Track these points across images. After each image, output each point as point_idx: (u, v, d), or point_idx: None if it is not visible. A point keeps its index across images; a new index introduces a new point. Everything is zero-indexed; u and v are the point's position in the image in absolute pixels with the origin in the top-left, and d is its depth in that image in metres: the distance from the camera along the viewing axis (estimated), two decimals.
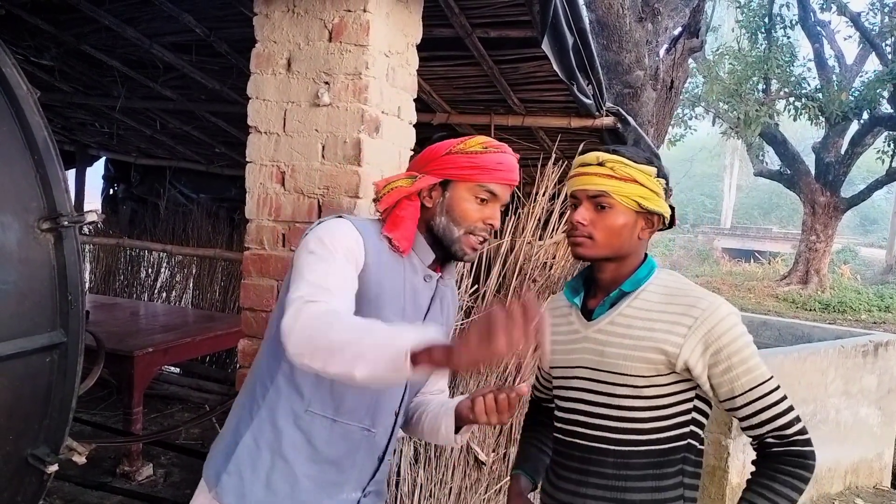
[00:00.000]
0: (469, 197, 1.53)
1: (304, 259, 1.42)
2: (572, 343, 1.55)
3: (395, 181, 1.57)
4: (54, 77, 4.57)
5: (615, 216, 1.48)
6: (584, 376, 1.53)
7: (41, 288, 1.99)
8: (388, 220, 1.55)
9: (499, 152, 1.54)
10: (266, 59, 2.30)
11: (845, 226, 35.38)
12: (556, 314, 1.64)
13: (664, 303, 1.48)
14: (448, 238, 1.55)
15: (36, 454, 2.05)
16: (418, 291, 1.58)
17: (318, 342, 1.23)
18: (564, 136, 3.66)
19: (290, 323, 1.28)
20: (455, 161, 1.53)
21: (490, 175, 1.52)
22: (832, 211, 16.88)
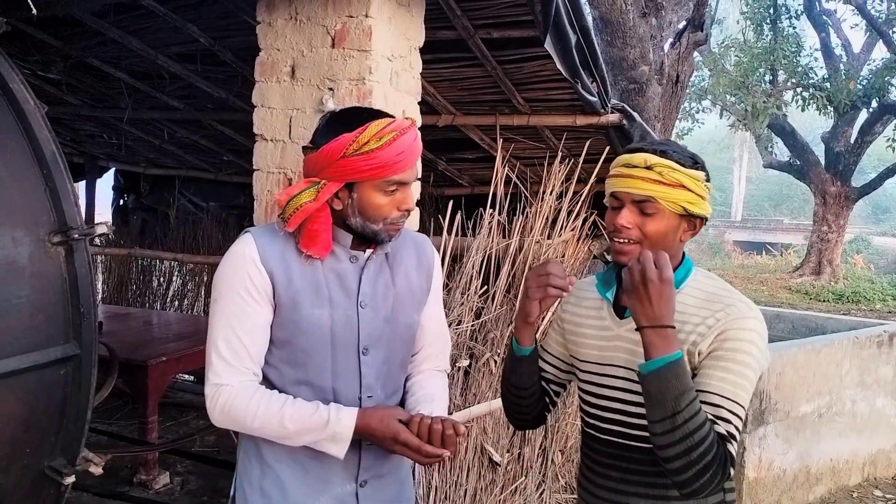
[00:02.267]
0: (377, 194, 1.47)
1: (213, 308, 1.51)
2: (605, 339, 1.53)
3: (299, 196, 1.45)
4: (62, 90, 4.61)
5: (661, 221, 1.43)
6: (619, 375, 1.51)
7: (53, 301, 2.01)
8: (304, 236, 1.48)
9: (396, 139, 1.42)
10: (270, 66, 2.31)
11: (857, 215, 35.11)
12: (586, 305, 1.60)
13: (698, 306, 1.45)
14: (368, 233, 1.51)
15: (53, 466, 2.07)
16: (344, 276, 1.54)
17: (241, 426, 1.49)
18: (570, 134, 3.66)
19: (209, 406, 1.49)
20: (353, 165, 1.42)
21: (393, 168, 1.44)
22: (843, 201, 16.77)
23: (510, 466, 3.28)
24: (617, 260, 1.48)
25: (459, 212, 3.13)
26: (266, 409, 1.44)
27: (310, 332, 1.50)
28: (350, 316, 1.54)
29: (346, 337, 1.54)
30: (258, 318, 1.49)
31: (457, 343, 2.81)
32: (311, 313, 1.50)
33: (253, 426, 1.46)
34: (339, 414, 1.44)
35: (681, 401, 1.29)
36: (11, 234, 1.91)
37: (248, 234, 1.52)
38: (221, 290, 1.49)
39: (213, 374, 1.48)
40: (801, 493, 4.19)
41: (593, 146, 3.67)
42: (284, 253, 1.50)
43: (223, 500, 3.77)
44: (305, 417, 1.44)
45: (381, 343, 1.58)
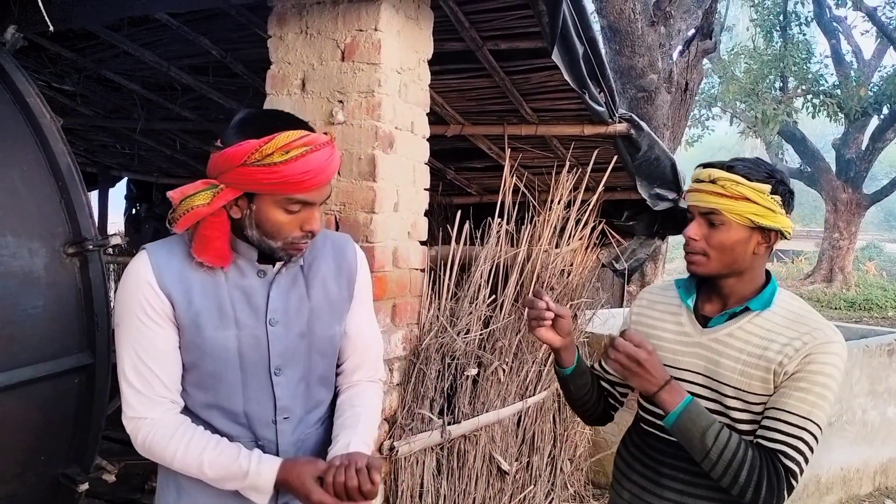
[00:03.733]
0: (277, 210, 1.34)
1: (116, 334, 1.41)
2: (683, 345, 1.58)
3: (193, 197, 1.33)
4: (76, 102, 4.67)
5: (727, 233, 1.48)
6: (694, 381, 1.55)
7: (68, 311, 2.04)
8: (196, 240, 1.37)
9: (305, 156, 1.29)
10: (281, 80, 2.35)
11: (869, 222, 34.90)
12: (663, 310, 1.66)
13: (785, 326, 1.49)
14: (267, 248, 1.39)
15: (67, 474, 2.10)
16: (251, 292, 1.43)
17: (163, 460, 1.42)
18: (578, 143, 3.68)
19: (132, 439, 1.44)
20: (252, 175, 1.30)
21: (298, 186, 1.31)
22: (855, 208, 16.71)
23: (519, 475, 3.29)
24: (689, 270, 1.56)
25: (468, 221, 3.15)
26: (185, 454, 1.37)
27: (215, 356, 1.40)
28: (258, 336, 1.43)
29: (255, 358, 1.44)
30: (163, 342, 1.39)
31: (465, 352, 2.83)
32: (215, 335, 1.40)
33: (172, 464, 1.39)
34: (260, 467, 1.36)
35: (707, 439, 1.42)
36: (28, 245, 1.95)
37: (143, 251, 1.41)
38: (122, 316, 1.39)
39: (127, 408, 1.40)
40: (812, 503, 4.17)
41: (601, 155, 3.69)
42: (183, 271, 1.39)
43: None
44: (225, 465, 1.37)
45: (297, 360, 1.48)
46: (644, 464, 1.64)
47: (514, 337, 3.14)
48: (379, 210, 2.30)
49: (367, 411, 1.56)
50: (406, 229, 2.52)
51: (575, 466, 4.01)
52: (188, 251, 1.40)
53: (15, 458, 1.95)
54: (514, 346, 3.14)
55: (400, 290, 2.48)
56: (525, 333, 3.21)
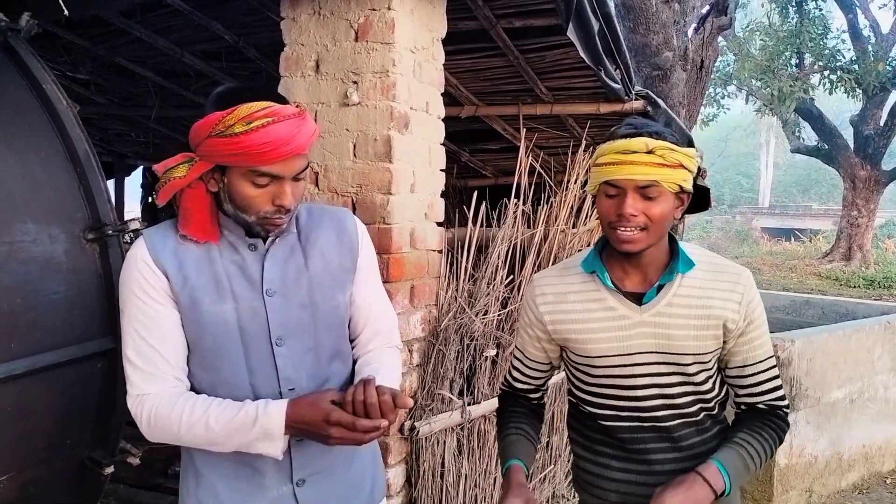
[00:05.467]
0: (246, 183, 1.33)
1: (120, 319, 1.42)
2: (624, 329, 1.50)
3: (173, 170, 1.37)
4: (90, 90, 4.68)
5: (664, 204, 1.40)
6: (650, 361, 1.50)
7: (89, 296, 2.05)
8: (180, 214, 1.40)
9: (266, 126, 1.28)
10: (295, 61, 2.34)
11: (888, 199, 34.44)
12: (580, 299, 1.54)
13: (711, 279, 1.49)
14: (243, 223, 1.40)
15: (92, 457, 2.12)
16: (245, 265, 1.43)
17: (170, 436, 1.37)
18: (594, 122, 3.65)
19: (136, 420, 1.40)
20: (217, 147, 1.30)
21: (259, 158, 1.29)
22: (873, 185, 16.49)
23: (539, 455, 3.29)
24: (625, 249, 1.43)
25: (484, 202, 3.14)
26: (191, 415, 1.34)
27: (215, 330, 1.40)
28: (256, 307, 1.42)
29: (254, 330, 1.43)
30: (164, 319, 1.39)
31: (483, 332, 2.82)
32: (213, 310, 1.40)
33: (180, 434, 1.35)
34: (267, 408, 1.33)
35: (750, 470, 1.48)
36: (48, 231, 1.96)
37: (139, 237, 1.44)
38: (123, 300, 1.41)
39: (131, 387, 1.40)
40: (834, 480, 4.15)
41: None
42: (177, 249, 1.41)
43: None
44: (231, 417, 1.33)
45: (301, 331, 1.46)
46: (625, 458, 1.57)
47: None
48: (395, 191, 2.29)
49: (386, 366, 1.53)
50: (423, 210, 2.51)
51: None
52: (171, 229, 1.44)
53: (41, 443, 1.97)
54: None
55: (418, 271, 2.48)
56: None
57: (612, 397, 1.55)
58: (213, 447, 1.37)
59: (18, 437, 1.90)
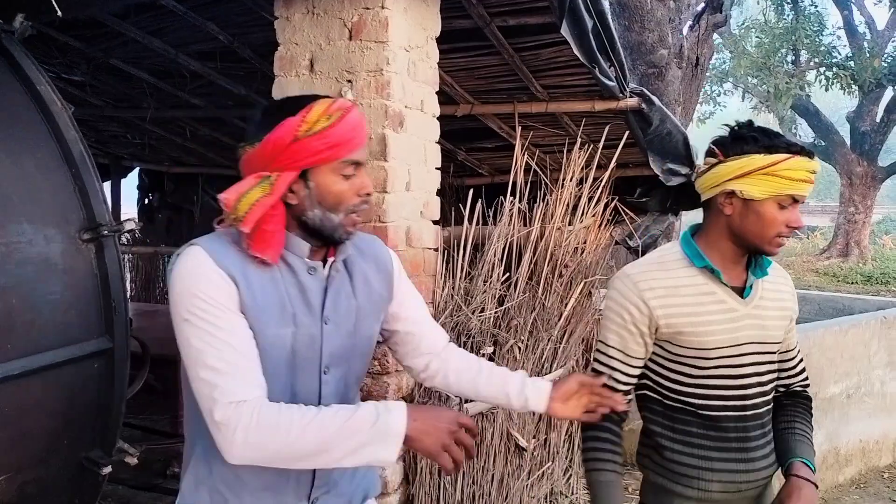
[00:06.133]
0: (335, 178, 1.34)
1: (187, 331, 1.28)
2: (734, 321, 1.59)
3: (249, 193, 1.32)
4: (85, 92, 4.68)
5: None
6: (750, 351, 1.61)
7: (86, 297, 2.06)
8: (255, 236, 1.33)
9: (345, 116, 1.32)
10: (289, 61, 2.34)
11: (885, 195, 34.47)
12: (692, 292, 1.59)
13: (777, 275, 1.70)
14: (328, 227, 1.37)
15: (90, 457, 2.13)
16: (307, 289, 1.40)
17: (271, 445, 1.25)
18: (589, 119, 3.66)
19: (226, 434, 1.24)
20: (307, 147, 1.31)
21: (349, 146, 1.33)
22: (870, 181, 16.53)
23: (537, 452, 3.30)
24: (776, 253, 1.58)
25: (480, 201, 3.14)
26: (302, 417, 1.26)
27: (272, 354, 1.35)
28: (314, 335, 1.40)
29: (308, 356, 1.40)
30: (243, 328, 1.31)
31: (480, 330, 2.83)
32: (277, 333, 1.35)
33: (290, 440, 1.25)
34: (388, 406, 1.30)
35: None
36: (43, 232, 1.97)
37: (194, 246, 1.34)
38: (190, 309, 1.29)
39: (221, 395, 1.25)
40: (831, 475, 4.16)
41: (612, 131, 3.66)
42: (243, 265, 1.34)
43: None
44: (348, 416, 1.27)
45: (343, 360, 1.46)
46: (726, 448, 1.62)
47: (529, 315, 3.14)
48: (391, 189, 2.30)
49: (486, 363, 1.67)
50: (418, 209, 2.52)
51: None
52: (239, 248, 1.35)
53: (38, 443, 1.98)
54: (529, 323, 3.14)
55: (414, 269, 2.48)
56: (540, 311, 3.22)
57: (720, 387, 1.61)
58: (314, 457, 1.28)
59: (16, 438, 1.90)
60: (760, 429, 1.64)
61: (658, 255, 1.67)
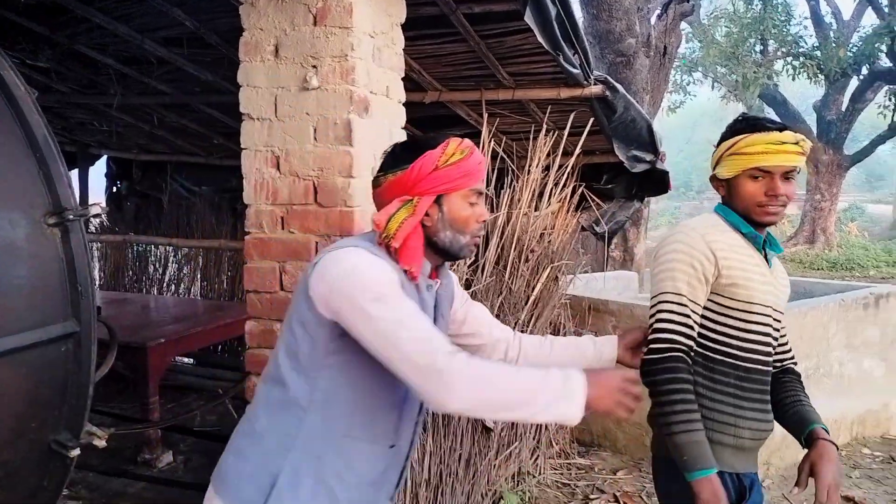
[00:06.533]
0: (464, 204, 1.58)
1: (380, 308, 1.41)
2: (767, 284, 1.78)
3: (396, 214, 1.53)
4: (51, 78, 4.63)
5: (795, 185, 1.77)
6: (771, 314, 1.79)
7: (52, 281, 2.07)
8: (404, 253, 1.53)
9: (472, 152, 1.59)
10: (254, 46, 2.36)
11: (852, 183, 35.06)
12: (743, 253, 1.77)
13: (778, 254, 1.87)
14: (455, 247, 1.60)
15: (58, 440, 2.14)
16: (425, 304, 1.61)
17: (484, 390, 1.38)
18: (555, 107, 3.71)
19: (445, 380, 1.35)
20: (446, 175, 1.55)
21: (475, 177, 1.59)
22: (836, 169, 16.85)
23: (504, 433, 3.37)
24: (769, 222, 1.75)
25: None
26: (507, 370, 1.46)
27: None
28: None
29: None
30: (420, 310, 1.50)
31: None
32: None
33: (498, 388, 1.39)
34: (568, 372, 1.44)
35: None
36: (8, 216, 1.97)
37: (356, 248, 1.50)
38: (380, 290, 1.43)
39: (440, 344, 1.40)
40: (791, 454, 4.28)
41: (579, 119, 3.72)
42: (397, 270, 1.52)
43: None
44: (544, 374, 1.43)
45: None
46: (754, 399, 1.78)
47: (496, 298, 3.20)
48: (357, 174, 2.32)
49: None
50: None
51: (558, 425, 4.09)
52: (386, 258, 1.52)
53: (6, 426, 1.99)
54: (496, 307, 3.20)
55: None
56: (507, 295, 3.27)
57: (757, 342, 1.77)
58: (518, 408, 1.41)
59: None
60: (768, 386, 1.83)
61: (704, 220, 1.83)
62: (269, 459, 1.50)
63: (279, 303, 2.43)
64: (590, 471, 4.04)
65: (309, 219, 2.36)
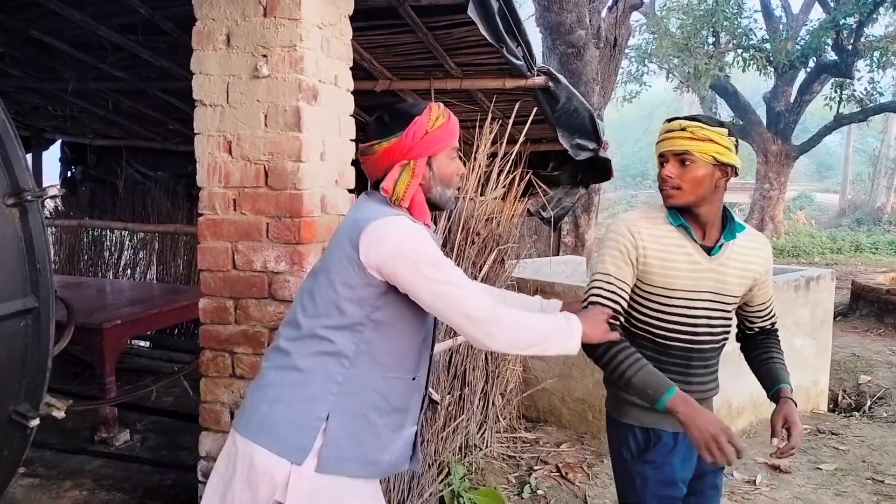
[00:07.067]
0: (448, 161, 1.79)
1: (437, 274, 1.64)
2: (696, 272, 1.92)
3: (400, 178, 1.73)
4: (4, 63, 4.64)
5: (696, 170, 1.85)
6: (708, 299, 1.94)
7: (11, 259, 2.16)
8: (416, 209, 1.76)
9: (450, 115, 1.79)
10: (206, 35, 2.47)
11: (802, 173, 35.99)
12: (669, 243, 1.93)
13: (751, 242, 2.00)
14: (444, 200, 1.83)
15: (18, 410, 2.24)
16: None
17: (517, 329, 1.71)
18: (500, 96, 3.87)
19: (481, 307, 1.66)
20: (436, 137, 1.74)
21: (455, 136, 1.80)
22: (784, 159, 17.35)
23: (451, 406, 3.53)
24: (667, 204, 1.91)
25: None
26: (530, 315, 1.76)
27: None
28: None
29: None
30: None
31: None
32: None
33: (527, 330, 1.72)
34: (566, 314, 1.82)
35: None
36: None
37: (400, 216, 1.70)
38: (437, 256, 1.67)
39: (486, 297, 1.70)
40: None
41: (525, 108, 3.89)
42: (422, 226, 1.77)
43: (183, 453, 3.96)
44: (553, 317, 1.80)
45: None
46: (669, 371, 1.92)
47: None
48: (306, 159, 2.45)
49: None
50: (333, 178, 2.68)
51: (507, 401, 4.28)
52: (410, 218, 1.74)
53: None
54: None
55: (329, 234, 2.65)
56: None
57: (675, 323, 1.95)
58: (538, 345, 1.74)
59: None
60: (703, 362, 1.99)
61: (647, 211, 2.02)
62: (313, 405, 1.69)
63: (231, 281, 2.56)
64: (535, 444, 4.24)
65: (260, 201, 2.49)
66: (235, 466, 1.70)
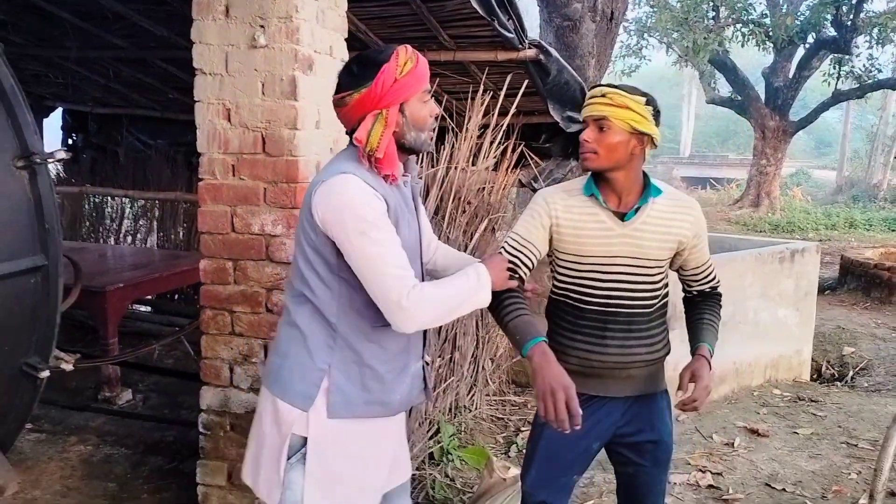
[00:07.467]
0: (421, 105, 1.76)
1: (363, 242, 1.65)
2: (610, 238, 1.99)
3: (375, 129, 1.70)
4: (6, 30, 4.71)
5: (613, 136, 1.91)
6: (625, 264, 2.00)
7: (21, 218, 2.28)
8: (384, 161, 1.73)
9: (418, 57, 1.76)
10: (206, 6, 2.56)
11: (801, 149, 36.05)
12: (580, 211, 2.00)
13: (673, 206, 2.03)
14: (419, 143, 1.79)
15: (29, 363, 2.38)
16: (405, 196, 1.87)
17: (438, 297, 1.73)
18: (493, 68, 3.95)
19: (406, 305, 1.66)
20: (406, 84, 1.71)
21: (425, 79, 1.78)
22: (781, 135, 17.40)
23: (441, 369, 3.67)
24: (584, 167, 1.97)
25: None
26: (446, 288, 1.75)
27: (406, 248, 1.75)
28: (415, 229, 1.89)
29: (415, 249, 1.88)
30: (395, 234, 1.73)
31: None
32: (405, 233, 1.79)
33: (444, 306, 1.73)
34: (477, 268, 1.82)
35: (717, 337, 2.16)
36: None
37: (348, 174, 1.69)
38: (363, 226, 1.66)
39: (405, 283, 1.66)
40: None
41: (517, 81, 3.98)
42: (380, 183, 1.74)
43: (183, 412, 4.11)
44: (465, 280, 1.78)
45: (424, 250, 1.98)
46: (585, 333, 2.04)
47: None
48: (301, 127, 2.56)
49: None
50: (328, 145, 2.79)
51: (496, 365, 4.43)
52: (370, 171, 1.73)
53: None
54: None
55: None
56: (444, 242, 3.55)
57: (590, 287, 2.04)
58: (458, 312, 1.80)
59: None
60: (623, 326, 2.03)
61: (569, 183, 2.12)
62: (314, 357, 1.78)
63: (230, 243, 2.68)
64: (523, 407, 4.40)
65: (258, 167, 2.60)
66: (265, 409, 1.85)
